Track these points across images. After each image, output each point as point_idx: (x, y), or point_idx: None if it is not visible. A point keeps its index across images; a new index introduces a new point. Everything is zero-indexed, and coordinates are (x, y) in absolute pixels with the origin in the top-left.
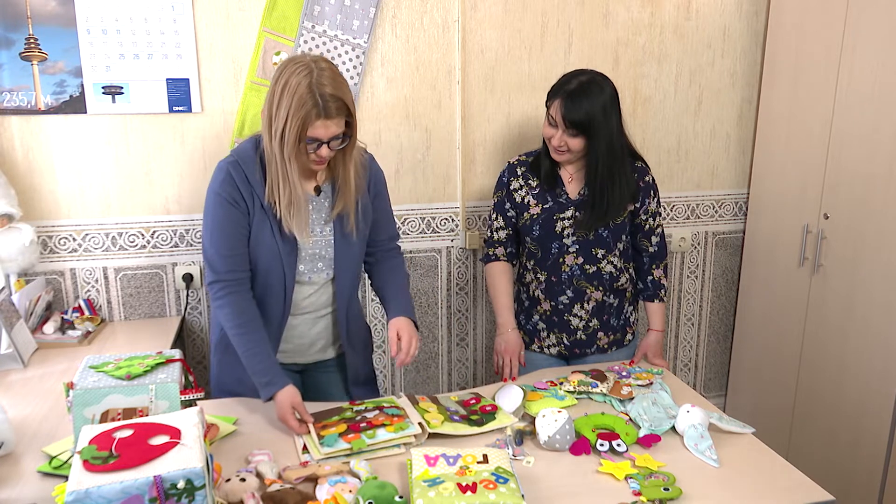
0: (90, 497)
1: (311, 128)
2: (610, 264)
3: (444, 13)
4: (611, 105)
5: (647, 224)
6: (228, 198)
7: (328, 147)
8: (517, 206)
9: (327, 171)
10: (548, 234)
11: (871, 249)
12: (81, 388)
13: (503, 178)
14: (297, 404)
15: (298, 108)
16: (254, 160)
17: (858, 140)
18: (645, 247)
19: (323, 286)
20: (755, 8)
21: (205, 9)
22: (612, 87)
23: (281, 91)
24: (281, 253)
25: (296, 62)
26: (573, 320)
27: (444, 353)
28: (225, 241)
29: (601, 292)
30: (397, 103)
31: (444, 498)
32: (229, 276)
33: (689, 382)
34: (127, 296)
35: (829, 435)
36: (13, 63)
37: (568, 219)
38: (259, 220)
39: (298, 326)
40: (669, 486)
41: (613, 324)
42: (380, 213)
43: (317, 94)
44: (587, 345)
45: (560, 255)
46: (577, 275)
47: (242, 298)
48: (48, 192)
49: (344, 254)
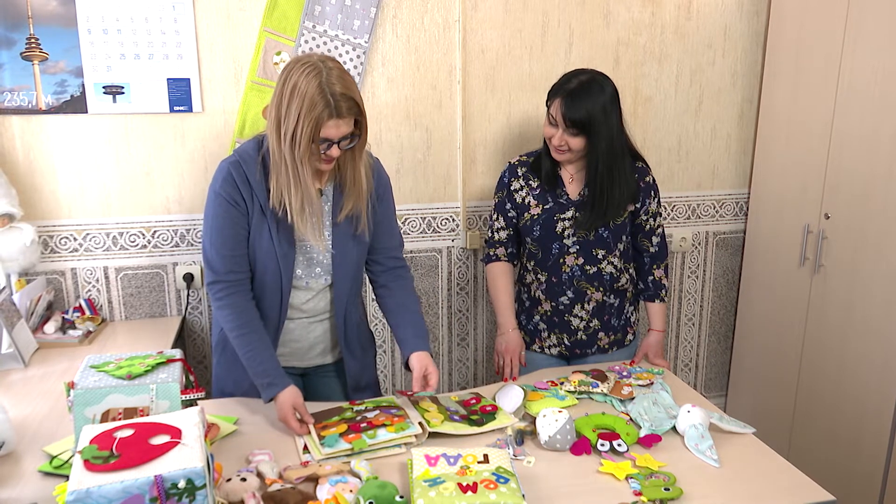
0: (91, 496)
1: (324, 128)
2: (610, 265)
3: (444, 13)
4: (611, 104)
5: (648, 224)
6: (228, 198)
7: (338, 146)
8: (518, 207)
9: (330, 173)
10: (548, 234)
11: (871, 249)
12: (82, 388)
13: (504, 178)
14: (297, 405)
15: (310, 109)
16: (255, 161)
17: (859, 140)
18: (646, 247)
19: (321, 291)
20: (756, 8)
21: (205, 9)
22: (613, 86)
23: (290, 93)
24: (278, 256)
25: (302, 63)
26: (574, 321)
27: (444, 353)
28: (224, 242)
29: (602, 293)
30: (398, 103)
31: (445, 498)
32: (229, 276)
33: (690, 382)
34: (128, 295)
35: (830, 435)
36: (14, 63)
37: (568, 219)
38: (257, 222)
39: (296, 330)
40: (670, 486)
41: (614, 324)
42: (382, 218)
43: (328, 93)
44: (588, 345)
45: (561, 256)
46: (578, 275)
47: (242, 299)
48: (49, 191)
49: (342, 259)
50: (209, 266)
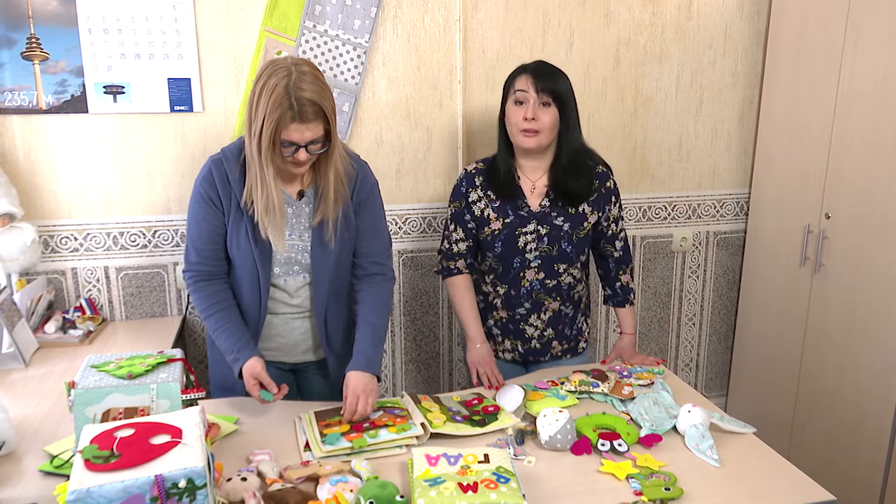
0: (91, 496)
1: (286, 131)
2: (570, 276)
3: (445, 12)
4: (573, 94)
5: (610, 230)
6: (206, 195)
7: (306, 151)
8: (477, 220)
9: (312, 176)
10: (510, 250)
11: (872, 249)
12: (83, 388)
13: (461, 187)
14: (257, 374)
15: (273, 109)
16: (236, 159)
17: (860, 140)
18: (610, 252)
19: (300, 289)
20: (756, 7)
21: (206, 8)
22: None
23: (259, 91)
24: (254, 254)
25: (277, 64)
26: (528, 329)
27: (444, 353)
28: (199, 236)
29: (559, 302)
30: (398, 103)
31: (445, 497)
32: (199, 266)
33: (691, 382)
34: (128, 295)
35: (831, 434)
36: (15, 63)
37: (531, 233)
38: (235, 220)
39: (278, 326)
40: (670, 486)
41: (567, 333)
42: (363, 222)
43: (293, 96)
44: (541, 353)
45: (521, 270)
46: (538, 289)
47: (212, 285)
48: (49, 191)
49: (321, 261)
50: (186, 255)
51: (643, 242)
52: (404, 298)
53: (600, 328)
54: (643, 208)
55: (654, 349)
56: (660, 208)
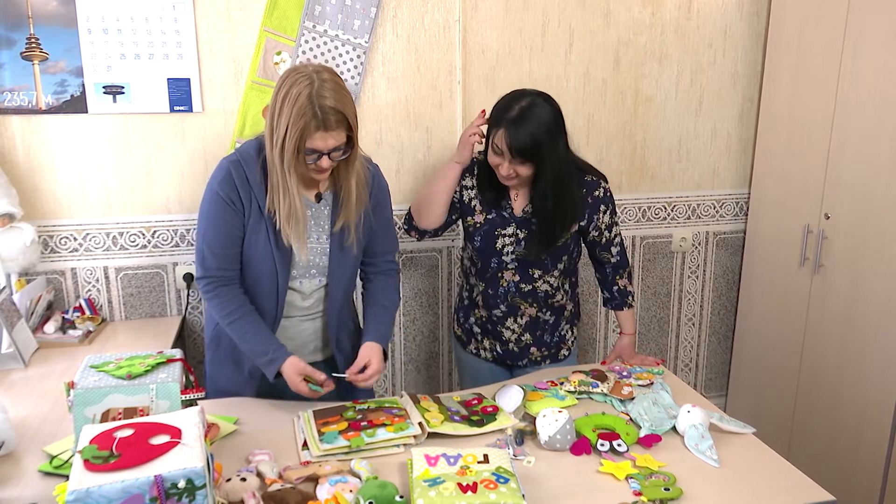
0: (91, 496)
1: (310, 139)
2: (546, 283)
3: (444, 13)
4: (556, 126)
5: (604, 237)
6: (226, 197)
7: (329, 158)
8: (463, 205)
9: (330, 180)
10: (488, 247)
11: (872, 249)
12: (82, 388)
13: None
14: (303, 370)
15: (298, 118)
16: (256, 161)
17: (859, 140)
18: (607, 259)
19: (315, 291)
20: (756, 8)
21: (206, 8)
22: (555, 106)
23: (282, 100)
24: (275, 257)
25: (298, 72)
26: (506, 332)
27: (444, 353)
28: (218, 240)
29: (535, 308)
30: (398, 103)
31: (445, 498)
32: (218, 272)
33: (690, 382)
34: (128, 295)
35: (830, 435)
36: (14, 63)
37: (509, 236)
38: (255, 223)
39: (289, 329)
40: (670, 486)
41: (547, 340)
42: (379, 224)
43: (316, 105)
44: (520, 357)
45: (499, 270)
46: (513, 292)
47: (231, 290)
48: (49, 191)
49: (339, 264)
50: (200, 262)
51: (643, 243)
52: (404, 298)
53: (600, 328)
54: (643, 208)
55: (654, 349)
56: (659, 208)
